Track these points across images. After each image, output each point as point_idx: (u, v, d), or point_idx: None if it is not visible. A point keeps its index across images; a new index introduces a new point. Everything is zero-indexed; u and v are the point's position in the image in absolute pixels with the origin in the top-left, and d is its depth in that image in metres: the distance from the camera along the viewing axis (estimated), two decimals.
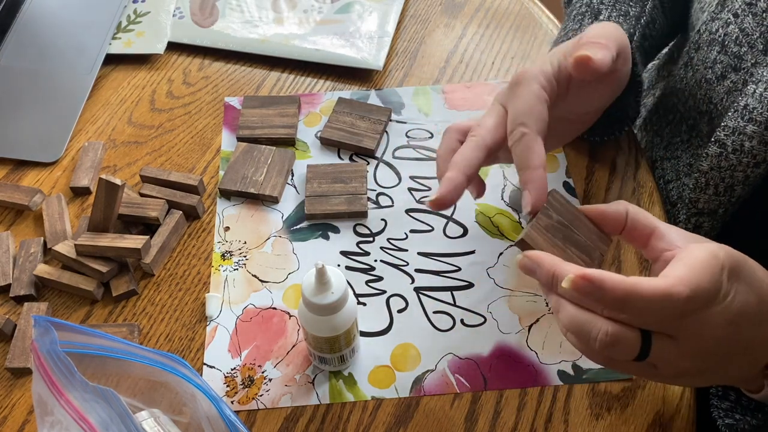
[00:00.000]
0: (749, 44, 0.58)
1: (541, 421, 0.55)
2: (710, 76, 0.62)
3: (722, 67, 0.61)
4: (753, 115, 0.56)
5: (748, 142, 0.56)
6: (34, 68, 0.78)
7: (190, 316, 0.61)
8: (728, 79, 0.60)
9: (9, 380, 0.57)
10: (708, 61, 0.62)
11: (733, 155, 0.58)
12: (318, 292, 0.50)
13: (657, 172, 0.72)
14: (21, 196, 0.67)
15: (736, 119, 0.57)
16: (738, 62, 0.59)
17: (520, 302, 0.61)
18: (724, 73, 0.61)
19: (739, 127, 0.57)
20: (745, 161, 0.57)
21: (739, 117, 0.57)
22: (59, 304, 0.61)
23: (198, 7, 0.84)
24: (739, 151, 0.57)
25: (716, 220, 0.62)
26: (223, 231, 0.66)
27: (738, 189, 0.59)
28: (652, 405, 0.55)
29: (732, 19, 0.60)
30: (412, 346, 0.59)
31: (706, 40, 0.63)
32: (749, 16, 0.58)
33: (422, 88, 0.77)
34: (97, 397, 0.43)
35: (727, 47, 0.60)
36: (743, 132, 0.56)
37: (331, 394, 0.56)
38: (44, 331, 0.44)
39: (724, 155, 0.58)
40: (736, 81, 0.60)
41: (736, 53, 0.59)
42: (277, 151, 0.70)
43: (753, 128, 0.56)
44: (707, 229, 0.63)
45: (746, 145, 0.56)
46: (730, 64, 0.60)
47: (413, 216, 0.67)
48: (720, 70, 0.61)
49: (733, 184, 0.59)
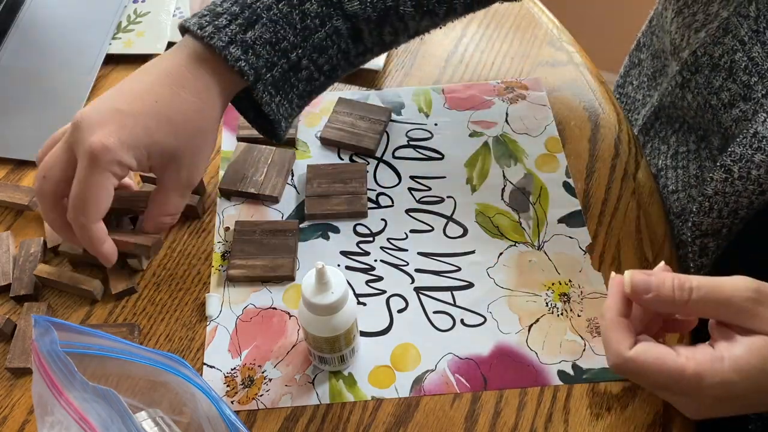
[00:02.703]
0: (759, 74, 0.57)
1: (541, 421, 0.55)
2: (715, 102, 0.61)
3: (730, 95, 0.59)
4: (762, 144, 0.55)
5: (755, 171, 0.55)
6: (34, 68, 0.78)
7: (190, 316, 0.61)
8: (737, 107, 0.59)
9: (9, 380, 0.57)
10: (713, 87, 0.61)
11: (738, 182, 0.57)
12: (318, 293, 0.50)
13: (661, 181, 0.72)
14: (21, 195, 0.67)
15: (744, 146, 0.56)
16: (748, 92, 0.58)
17: (520, 302, 0.61)
18: (733, 102, 0.59)
19: (747, 155, 0.56)
20: (750, 188, 0.56)
21: (747, 144, 0.56)
22: (59, 304, 0.61)
23: (198, 7, 0.84)
24: (745, 179, 0.56)
25: (721, 240, 0.61)
26: (223, 231, 0.66)
27: (742, 213, 0.58)
28: (652, 405, 0.55)
29: (738, 46, 0.58)
30: (412, 346, 0.59)
31: (706, 64, 0.61)
32: (758, 44, 0.57)
33: (422, 88, 0.77)
34: (97, 397, 0.43)
35: (735, 75, 0.59)
36: (751, 160, 0.55)
37: (331, 394, 0.56)
38: (44, 331, 0.44)
39: (730, 181, 0.57)
40: (746, 110, 0.58)
41: (746, 83, 0.58)
42: (277, 151, 0.70)
43: (761, 157, 0.55)
44: (713, 248, 0.63)
45: (753, 174, 0.55)
46: (739, 94, 0.59)
47: (413, 216, 0.67)
48: (727, 98, 0.60)
49: (738, 209, 0.58)
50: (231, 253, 0.63)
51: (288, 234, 0.64)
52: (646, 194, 0.68)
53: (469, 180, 0.69)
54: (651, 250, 0.64)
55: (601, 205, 0.67)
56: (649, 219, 0.66)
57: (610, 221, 0.66)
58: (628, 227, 0.66)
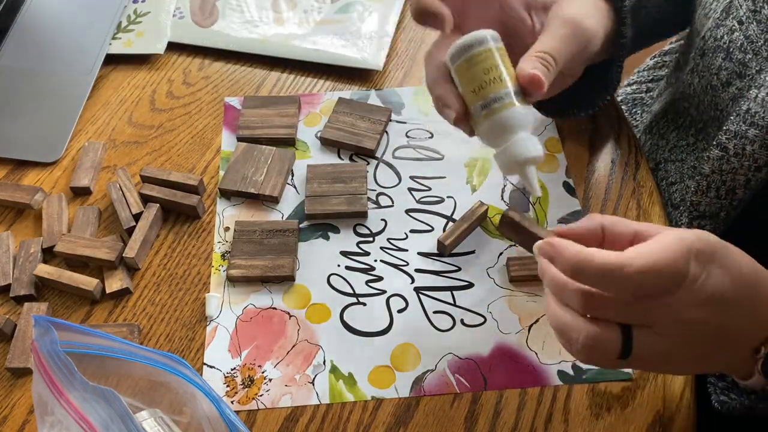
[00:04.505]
0: (754, 51, 0.58)
1: (541, 421, 0.55)
2: (716, 82, 0.62)
3: (727, 74, 0.61)
4: (755, 119, 0.56)
5: (750, 146, 0.56)
6: (34, 68, 0.78)
7: (190, 316, 0.61)
8: (733, 85, 0.60)
9: (9, 380, 0.57)
10: (713, 68, 0.62)
11: (734, 159, 0.57)
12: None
13: (660, 174, 0.72)
14: (22, 194, 0.67)
15: (738, 123, 0.57)
16: (743, 69, 0.59)
17: (520, 302, 0.61)
18: (729, 80, 0.60)
19: (741, 131, 0.57)
20: (746, 165, 0.57)
21: (741, 121, 0.57)
22: (59, 304, 0.61)
23: (198, 7, 0.84)
24: (740, 155, 0.57)
25: (718, 223, 0.62)
26: (223, 231, 0.66)
27: (739, 192, 0.59)
28: (652, 405, 0.55)
29: (737, 26, 0.59)
30: (412, 346, 0.59)
31: (711, 46, 0.62)
32: (753, 23, 0.58)
33: (422, 88, 0.77)
34: (98, 397, 0.43)
35: (732, 54, 0.60)
36: (745, 136, 0.56)
37: (331, 394, 0.56)
38: (44, 331, 0.44)
39: (726, 158, 0.58)
40: (741, 88, 0.59)
41: (741, 60, 0.59)
42: (277, 151, 0.70)
43: (755, 132, 0.56)
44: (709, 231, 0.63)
45: (748, 149, 0.56)
46: (735, 71, 0.60)
47: (413, 216, 0.67)
48: (725, 76, 0.61)
49: (735, 187, 0.59)
50: (231, 253, 0.63)
51: (288, 234, 0.64)
52: (646, 194, 0.68)
53: (469, 180, 0.69)
54: None
55: (601, 206, 0.67)
56: (649, 219, 0.66)
57: None
58: None
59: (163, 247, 0.65)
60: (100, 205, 0.67)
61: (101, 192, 0.68)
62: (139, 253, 0.62)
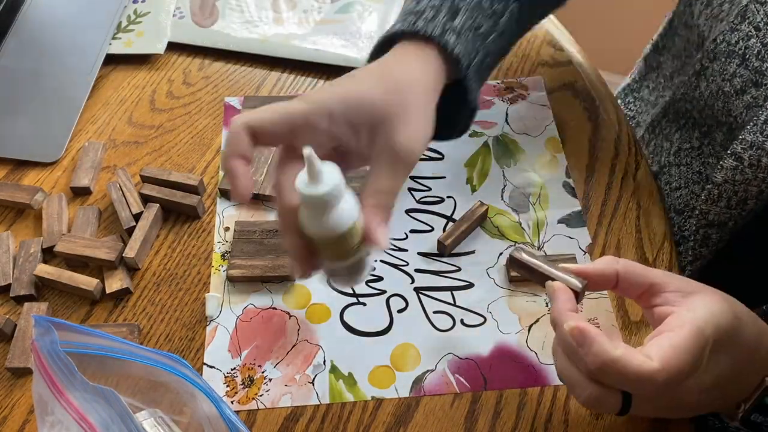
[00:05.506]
0: None
1: (541, 421, 0.55)
2: (728, 89, 0.61)
3: (742, 81, 0.60)
4: None
5: (766, 158, 0.56)
6: (34, 68, 0.78)
7: (190, 316, 0.61)
8: (748, 93, 0.59)
9: (9, 380, 0.57)
10: (726, 74, 0.61)
11: (748, 169, 0.57)
12: (310, 183, 0.44)
13: (663, 178, 0.72)
14: (22, 194, 0.67)
15: (755, 134, 0.56)
16: (759, 78, 0.58)
17: (520, 302, 0.61)
18: (744, 88, 0.59)
19: (758, 142, 0.56)
20: (760, 176, 0.56)
21: (758, 132, 0.56)
22: (59, 304, 0.61)
23: (198, 7, 0.84)
24: (755, 166, 0.56)
25: (725, 232, 0.61)
26: (223, 231, 0.66)
27: (750, 203, 0.58)
28: None
29: (753, 32, 0.58)
30: (412, 346, 0.59)
31: (723, 51, 0.61)
32: None
33: None
34: (98, 397, 0.43)
35: (748, 61, 0.59)
36: (761, 147, 0.56)
37: (331, 394, 0.56)
38: (44, 331, 0.44)
39: (740, 169, 0.57)
40: (757, 96, 0.58)
41: (758, 68, 0.58)
42: (277, 151, 0.70)
43: None
44: (715, 240, 0.63)
45: (763, 161, 0.56)
46: (751, 79, 0.59)
47: (413, 216, 0.67)
48: (739, 83, 0.60)
49: (746, 198, 0.58)
50: (231, 253, 0.63)
51: None
52: (646, 194, 0.68)
53: (469, 180, 0.69)
54: (651, 249, 0.64)
55: (601, 206, 0.67)
56: (649, 219, 0.66)
57: (610, 221, 0.66)
58: (628, 227, 0.66)
59: (163, 247, 0.65)
60: (100, 205, 0.67)
61: (101, 192, 0.68)
62: (139, 253, 0.62)
